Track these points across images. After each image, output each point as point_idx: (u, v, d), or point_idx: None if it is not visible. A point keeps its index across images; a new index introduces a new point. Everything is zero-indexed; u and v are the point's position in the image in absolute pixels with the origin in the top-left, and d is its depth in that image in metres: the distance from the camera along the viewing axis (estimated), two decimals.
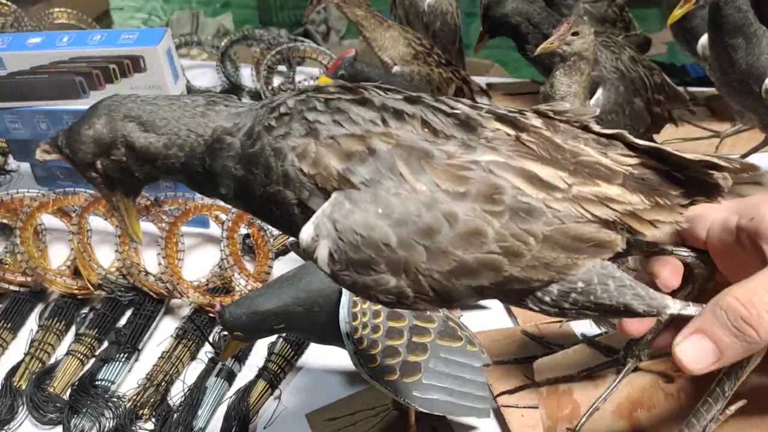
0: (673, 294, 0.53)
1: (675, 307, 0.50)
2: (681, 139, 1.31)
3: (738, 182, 0.50)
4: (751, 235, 0.49)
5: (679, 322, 0.52)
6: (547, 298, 0.49)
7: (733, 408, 0.50)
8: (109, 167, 0.53)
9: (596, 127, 0.52)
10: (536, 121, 0.51)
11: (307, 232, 0.47)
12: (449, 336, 0.77)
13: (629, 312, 0.49)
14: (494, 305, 1.02)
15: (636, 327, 0.54)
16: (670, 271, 0.53)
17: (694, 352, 0.47)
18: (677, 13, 1.00)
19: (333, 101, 0.50)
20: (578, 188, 0.48)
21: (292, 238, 0.80)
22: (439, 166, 0.47)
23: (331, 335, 0.72)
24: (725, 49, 1.01)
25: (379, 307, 0.72)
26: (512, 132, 0.50)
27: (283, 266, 1.11)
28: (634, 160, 0.50)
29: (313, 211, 0.47)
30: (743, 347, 0.46)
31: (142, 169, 0.52)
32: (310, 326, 0.72)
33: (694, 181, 0.50)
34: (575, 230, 0.47)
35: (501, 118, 0.50)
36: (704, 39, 1.18)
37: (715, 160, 0.49)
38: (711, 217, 0.53)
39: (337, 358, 0.90)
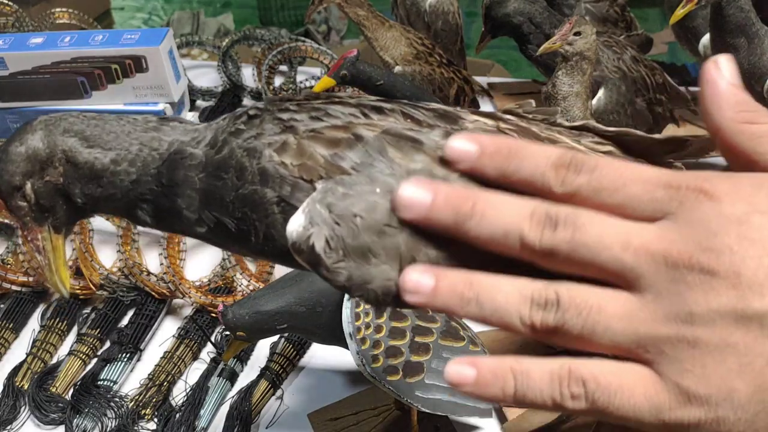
0: None
1: None
2: None
3: None
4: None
5: None
6: None
7: None
8: (42, 191, 0.46)
9: (563, 122, 0.52)
10: (510, 117, 0.51)
11: (297, 222, 0.42)
12: (452, 336, 0.77)
13: None
14: None
15: None
16: None
17: None
18: (679, 13, 1.00)
19: (305, 104, 0.47)
20: None
21: None
22: (431, 151, 0.45)
23: (333, 335, 0.72)
24: (727, 49, 1.01)
25: None
26: (491, 122, 0.49)
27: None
28: (605, 147, 0.51)
29: (296, 208, 0.42)
30: None
31: (83, 190, 0.46)
32: (313, 326, 0.73)
33: (661, 166, 0.52)
34: None
35: (477, 113, 0.50)
36: (706, 39, 1.18)
37: (676, 137, 0.50)
38: None
39: (340, 358, 0.90)
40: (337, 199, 0.42)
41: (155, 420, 0.88)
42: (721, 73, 0.39)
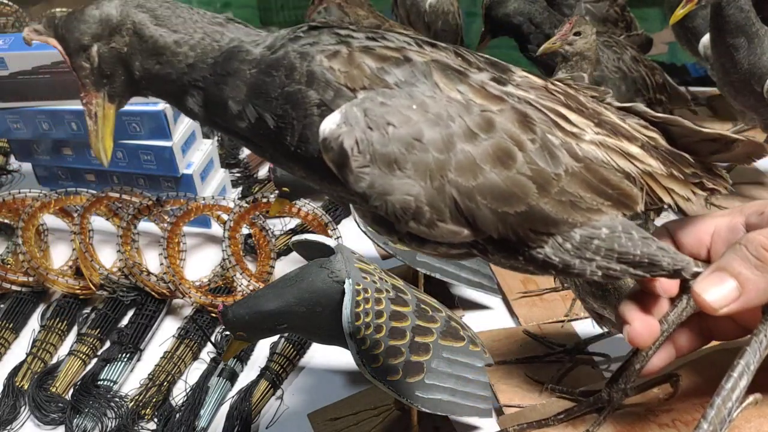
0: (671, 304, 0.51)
1: (699, 266, 0.48)
2: None
3: (740, 182, 0.51)
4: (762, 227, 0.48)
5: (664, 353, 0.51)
6: (568, 245, 0.47)
7: (750, 399, 0.46)
8: (106, 56, 0.48)
9: (612, 101, 0.52)
10: (558, 83, 0.52)
11: (332, 120, 0.44)
12: (452, 336, 0.77)
13: (653, 266, 0.48)
14: (496, 305, 1.02)
15: (643, 332, 0.50)
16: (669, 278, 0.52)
17: (714, 288, 0.45)
18: (679, 13, 1.00)
19: (365, 28, 0.49)
20: (604, 138, 0.48)
21: (295, 237, 0.80)
22: (475, 84, 0.46)
23: (333, 335, 0.72)
24: (727, 49, 1.01)
25: (382, 306, 0.72)
26: (540, 81, 0.50)
27: (284, 266, 1.11)
28: (650, 132, 0.51)
29: None
30: (765, 279, 0.45)
31: (143, 64, 0.48)
32: (313, 326, 0.72)
33: (702, 165, 0.51)
34: (602, 173, 0.47)
35: (527, 70, 0.51)
36: (706, 39, 1.18)
37: (726, 135, 0.50)
38: (713, 223, 0.52)
39: (340, 358, 0.90)
40: (374, 106, 0.44)
41: (155, 420, 0.88)
42: None
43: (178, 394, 0.92)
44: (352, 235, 1.05)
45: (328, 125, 0.43)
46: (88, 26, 0.48)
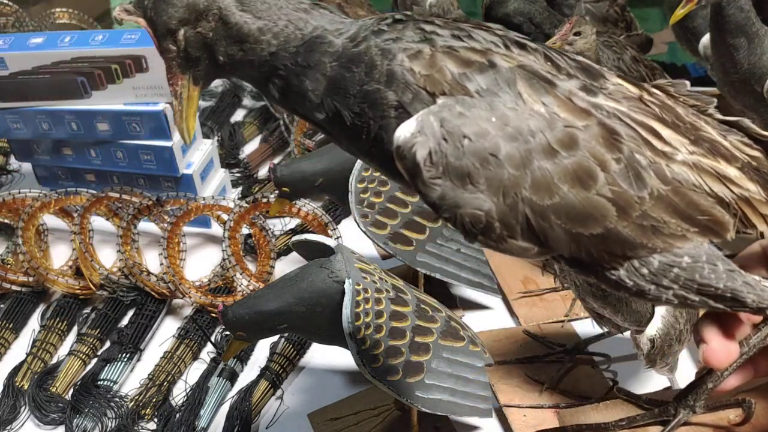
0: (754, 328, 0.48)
1: None
2: None
3: None
4: None
5: (746, 370, 0.48)
6: (645, 270, 0.45)
7: None
8: (192, 40, 0.48)
9: (715, 113, 0.50)
10: (656, 91, 0.49)
11: (407, 128, 0.43)
12: (452, 336, 0.77)
13: (736, 301, 0.45)
14: (496, 305, 1.02)
15: (720, 354, 0.47)
16: None
17: None
18: (679, 13, 1.00)
19: (451, 23, 0.48)
20: (698, 158, 0.45)
21: (295, 237, 0.80)
22: (562, 95, 0.44)
23: (333, 335, 0.72)
24: (727, 49, 1.01)
25: (382, 306, 0.72)
26: (635, 90, 0.47)
27: (284, 266, 1.11)
28: (753, 151, 0.48)
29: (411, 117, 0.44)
30: None
31: (227, 50, 0.48)
32: (313, 326, 0.72)
33: None
34: (691, 197, 0.44)
35: (623, 77, 0.49)
36: (706, 39, 1.18)
37: None
38: None
39: (340, 357, 0.90)
40: (452, 117, 0.43)
41: (155, 420, 0.88)
42: None
43: (178, 394, 0.92)
44: (352, 235, 1.05)
45: (403, 133, 0.43)
46: (176, 10, 0.48)
